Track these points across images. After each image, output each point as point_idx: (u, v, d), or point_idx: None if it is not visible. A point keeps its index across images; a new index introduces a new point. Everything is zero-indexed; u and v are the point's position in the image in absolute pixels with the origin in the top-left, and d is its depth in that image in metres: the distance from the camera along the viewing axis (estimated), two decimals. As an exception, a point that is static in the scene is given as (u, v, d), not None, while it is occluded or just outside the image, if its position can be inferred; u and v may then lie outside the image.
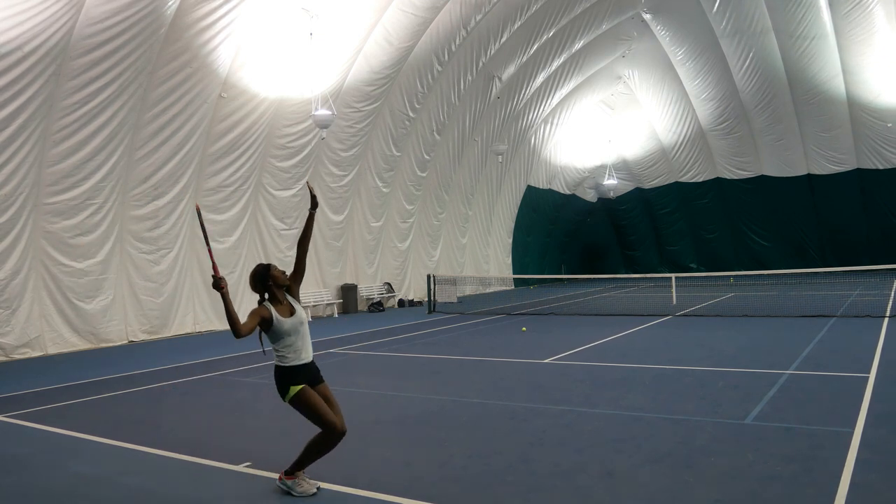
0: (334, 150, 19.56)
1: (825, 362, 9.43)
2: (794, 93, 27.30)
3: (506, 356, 11.34)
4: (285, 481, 4.97)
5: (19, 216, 13.25)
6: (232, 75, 15.72)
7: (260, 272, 5.01)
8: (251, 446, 6.21)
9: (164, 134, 15.13)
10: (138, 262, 15.48)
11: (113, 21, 12.94)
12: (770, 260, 30.21)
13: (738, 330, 13.36)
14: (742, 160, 30.95)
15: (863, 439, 5.69)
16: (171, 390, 9.47)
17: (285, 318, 4.89)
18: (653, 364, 9.85)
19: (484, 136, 25.61)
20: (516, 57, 23.20)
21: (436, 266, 24.74)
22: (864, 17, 23.56)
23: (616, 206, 35.07)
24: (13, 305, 13.28)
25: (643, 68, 29.19)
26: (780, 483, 4.80)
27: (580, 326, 15.10)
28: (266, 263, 5.11)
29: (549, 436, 6.29)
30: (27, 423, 7.63)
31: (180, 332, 16.32)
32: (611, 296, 24.09)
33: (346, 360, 11.50)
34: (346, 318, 19.56)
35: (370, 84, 19.10)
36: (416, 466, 5.56)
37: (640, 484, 4.92)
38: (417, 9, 18.15)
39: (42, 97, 12.82)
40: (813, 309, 15.96)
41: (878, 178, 28.26)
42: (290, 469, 4.99)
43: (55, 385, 10.13)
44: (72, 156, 13.78)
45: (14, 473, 5.81)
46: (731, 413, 6.80)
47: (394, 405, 7.94)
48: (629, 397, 7.75)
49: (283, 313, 4.92)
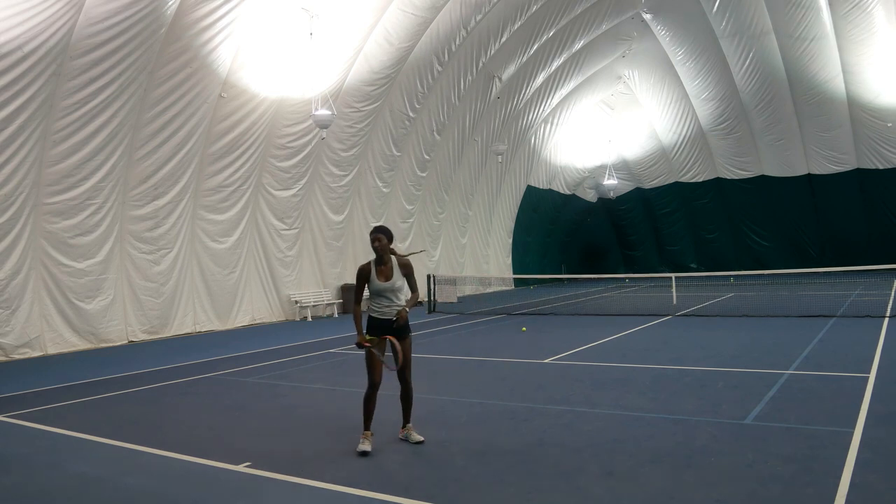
0: (334, 150, 19.56)
1: (825, 362, 9.42)
2: (794, 93, 27.31)
3: (506, 356, 11.34)
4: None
5: (19, 216, 13.25)
6: (232, 75, 15.72)
7: (388, 235, 6.01)
8: (251, 446, 6.21)
9: (164, 134, 15.13)
10: (138, 262, 15.48)
11: (113, 21, 12.93)
12: (770, 260, 30.19)
13: (738, 330, 13.36)
14: (742, 160, 30.96)
15: (863, 439, 5.68)
16: (171, 390, 9.47)
17: (379, 282, 5.94)
18: (653, 364, 9.85)
19: (484, 136, 25.61)
20: (516, 57, 23.20)
21: (436, 266, 24.74)
22: (863, 17, 23.56)
23: (616, 206, 35.07)
24: (13, 305, 13.27)
25: (643, 68, 29.19)
26: (780, 483, 4.80)
27: (580, 326, 15.10)
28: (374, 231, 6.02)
29: (549, 436, 6.29)
30: (27, 423, 7.63)
31: (180, 332, 16.32)
32: (611, 296, 24.09)
33: (346, 360, 11.50)
34: (347, 318, 19.54)
35: (370, 84, 19.10)
36: (415, 466, 5.56)
37: (640, 484, 4.92)
38: (417, 9, 18.15)
39: (42, 97, 12.81)
40: (813, 309, 15.95)
41: (878, 178, 28.27)
42: None
43: (55, 385, 10.13)
44: (72, 156, 13.78)
45: (14, 473, 5.81)
46: (731, 413, 6.80)
47: (394, 405, 7.91)
48: (629, 397, 7.75)
49: (379, 276, 5.96)
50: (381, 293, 5.96)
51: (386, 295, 5.96)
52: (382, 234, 5.97)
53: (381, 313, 5.98)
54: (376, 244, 5.94)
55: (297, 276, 19.58)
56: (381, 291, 5.95)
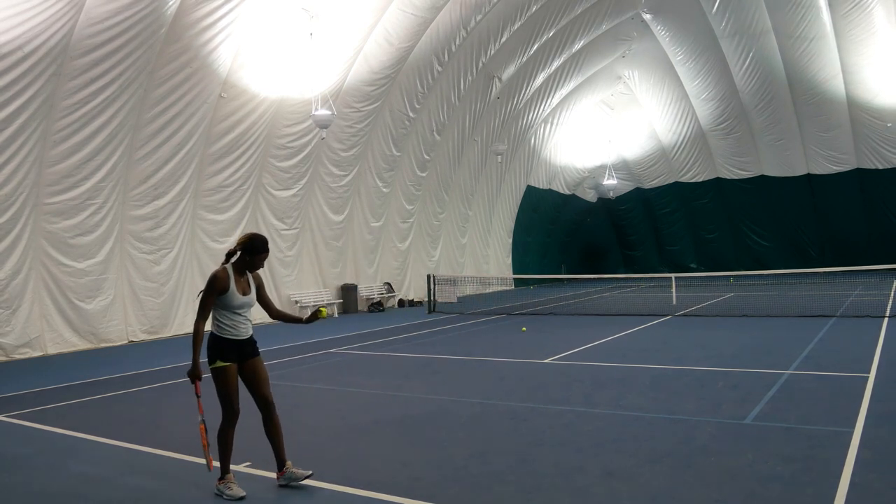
0: (334, 150, 19.56)
1: (825, 362, 9.43)
2: (793, 93, 27.31)
3: (506, 356, 11.34)
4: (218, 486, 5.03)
5: (19, 216, 13.25)
6: (232, 75, 15.72)
7: (262, 244, 5.04)
8: (251, 446, 6.20)
9: (164, 134, 15.14)
10: (138, 262, 15.48)
11: (113, 21, 12.94)
12: (770, 260, 30.19)
13: (738, 330, 13.36)
14: (742, 160, 30.96)
15: (863, 439, 5.69)
16: (171, 390, 9.47)
17: (239, 294, 4.97)
18: (653, 364, 9.85)
19: (484, 136, 25.61)
20: (516, 57, 23.20)
21: (436, 266, 24.74)
22: (863, 17, 23.57)
23: (616, 206, 35.07)
24: (13, 305, 13.28)
25: (643, 68, 29.19)
26: (780, 483, 4.80)
27: (580, 326, 15.10)
28: (266, 242, 5.11)
29: (549, 436, 6.29)
30: (27, 423, 7.63)
31: (180, 332, 16.31)
32: (611, 296, 24.09)
33: (346, 360, 11.50)
34: (346, 318, 19.56)
35: (370, 84, 19.10)
36: (415, 466, 5.56)
37: (640, 484, 4.92)
38: (417, 9, 18.15)
39: (42, 97, 12.81)
40: (813, 309, 15.96)
41: (878, 178, 28.27)
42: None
43: (55, 385, 10.13)
44: (72, 156, 13.78)
45: (14, 473, 5.81)
46: (731, 413, 6.80)
47: (394, 405, 7.93)
48: (629, 397, 7.75)
49: (239, 287, 4.99)
50: (241, 308, 5.00)
51: (244, 312, 5.04)
52: (255, 243, 5.06)
53: (237, 333, 5.01)
54: (254, 257, 5.03)
55: (296, 275, 19.58)
56: (242, 306, 5.00)
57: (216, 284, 4.90)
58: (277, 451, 5.10)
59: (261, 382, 5.12)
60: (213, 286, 4.90)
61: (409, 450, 6.04)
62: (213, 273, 4.96)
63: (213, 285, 4.90)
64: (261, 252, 5.03)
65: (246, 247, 5.01)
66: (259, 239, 5.06)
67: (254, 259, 5.04)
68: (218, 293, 4.91)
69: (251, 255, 5.03)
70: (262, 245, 5.04)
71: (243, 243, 5.03)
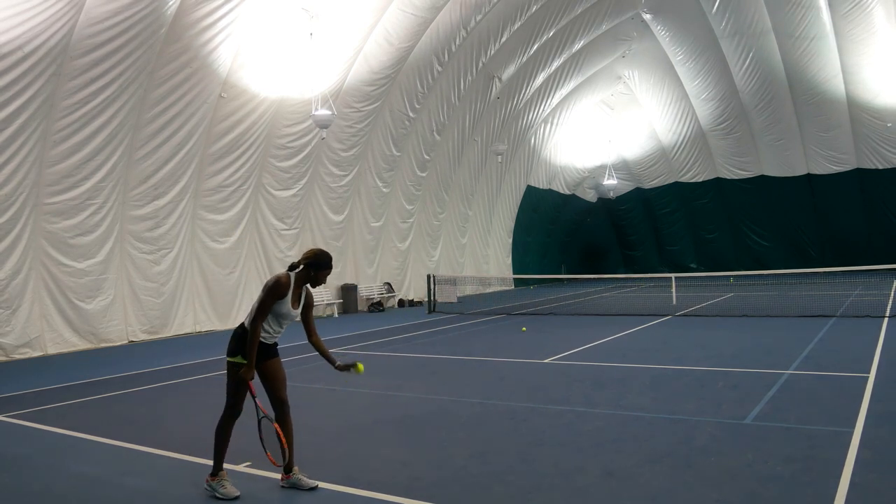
0: (334, 150, 19.56)
1: (825, 362, 9.43)
2: (793, 93, 27.31)
3: (506, 356, 11.34)
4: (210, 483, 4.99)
5: (19, 216, 13.25)
6: (232, 75, 15.72)
7: (327, 260, 5.08)
8: (251, 446, 6.19)
9: (164, 134, 15.13)
10: (138, 262, 15.48)
11: (113, 21, 12.93)
12: (770, 260, 30.19)
13: (738, 330, 13.36)
14: (742, 160, 30.96)
15: (863, 439, 5.69)
16: (171, 390, 9.47)
17: (289, 305, 5.00)
18: (653, 364, 9.85)
19: (484, 137, 25.61)
20: (516, 57, 23.20)
21: (436, 266, 24.73)
22: (863, 17, 23.56)
23: (616, 206, 35.07)
24: (13, 305, 13.28)
25: (643, 68, 29.20)
26: (780, 483, 4.80)
27: (580, 326, 15.10)
28: (331, 259, 5.15)
29: (549, 436, 6.29)
30: (27, 423, 7.63)
31: (180, 332, 16.31)
32: (611, 296, 24.09)
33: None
34: (346, 318, 19.56)
35: (370, 84, 19.10)
36: (415, 466, 5.56)
37: (640, 484, 4.92)
38: (417, 9, 18.15)
39: (42, 97, 12.81)
40: (813, 309, 15.96)
41: (878, 177, 28.27)
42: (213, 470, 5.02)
43: (55, 385, 10.12)
44: (72, 156, 13.78)
45: (14, 473, 5.81)
46: (731, 413, 6.80)
47: (394, 405, 7.93)
48: (629, 397, 7.75)
49: (292, 300, 5.03)
50: (285, 318, 5.06)
51: (285, 324, 5.11)
52: (322, 260, 5.12)
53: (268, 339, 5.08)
54: (316, 273, 5.08)
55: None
56: (287, 317, 5.05)
57: (279, 288, 4.91)
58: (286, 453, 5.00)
59: (279, 383, 5.15)
60: (275, 290, 4.91)
61: (409, 450, 6.04)
62: (277, 276, 4.98)
63: (276, 289, 4.91)
64: (326, 268, 5.08)
65: (311, 262, 5.05)
66: (325, 255, 5.11)
67: (318, 274, 5.08)
68: (277, 297, 4.92)
69: (316, 271, 5.06)
70: (327, 261, 5.09)
71: (309, 258, 5.07)
